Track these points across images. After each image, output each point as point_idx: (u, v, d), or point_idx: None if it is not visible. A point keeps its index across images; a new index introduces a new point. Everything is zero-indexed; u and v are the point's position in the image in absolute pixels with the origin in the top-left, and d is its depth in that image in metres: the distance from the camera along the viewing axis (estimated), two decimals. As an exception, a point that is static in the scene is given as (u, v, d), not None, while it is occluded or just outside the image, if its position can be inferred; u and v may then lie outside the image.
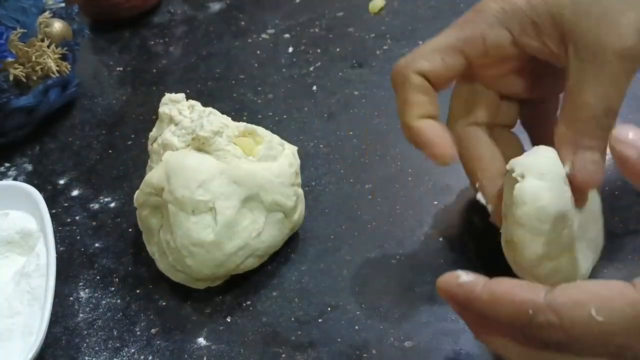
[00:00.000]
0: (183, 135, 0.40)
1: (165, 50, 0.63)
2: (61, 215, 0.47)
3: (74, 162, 0.52)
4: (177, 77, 0.59)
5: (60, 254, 0.43)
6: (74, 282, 0.42)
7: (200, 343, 0.38)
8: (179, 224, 0.37)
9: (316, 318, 0.38)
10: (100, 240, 0.45)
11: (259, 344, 0.37)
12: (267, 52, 0.60)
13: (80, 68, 0.59)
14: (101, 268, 0.43)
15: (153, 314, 0.40)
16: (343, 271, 0.40)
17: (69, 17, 0.57)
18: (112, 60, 0.63)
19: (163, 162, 0.39)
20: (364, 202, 0.44)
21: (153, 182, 0.39)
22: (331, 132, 0.50)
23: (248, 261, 0.39)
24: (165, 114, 0.42)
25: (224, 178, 0.38)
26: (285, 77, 0.57)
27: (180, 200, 0.37)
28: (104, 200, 0.48)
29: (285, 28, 0.62)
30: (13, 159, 0.53)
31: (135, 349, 0.38)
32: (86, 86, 0.59)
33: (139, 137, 0.53)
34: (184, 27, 0.65)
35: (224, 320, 0.39)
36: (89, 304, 0.41)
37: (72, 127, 0.55)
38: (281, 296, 0.40)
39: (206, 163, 0.38)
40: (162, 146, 0.41)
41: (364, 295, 0.39)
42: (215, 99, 0.55)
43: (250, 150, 0.40)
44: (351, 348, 0.36)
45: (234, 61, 0.60)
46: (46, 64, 0.52)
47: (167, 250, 0.39)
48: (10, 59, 0.51)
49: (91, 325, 0.40)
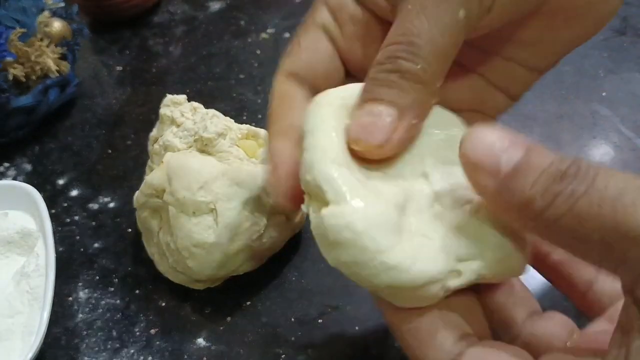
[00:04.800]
0: (185, 136, 0.40)
1: (165, 50, 0.63)
2: (61, 216, 0.47)
3: (73, 162, 0.52)
4: (177, 77, 0.59)
5: (60, 254, 0.43)
6: (73, 283, 0.42)
7: (200, 343, 0.38)
8: (179, 226, 0.37)
9: (316, 318, 0.38)
10: (100, 241, 0.45)
11: (259, 344, 0.37)
12: (267, 52, 0.60)
13: (80, 68, 0.59)
14: (101, 268, 0.43)
15: (152, 315, 0.40)
16: (343, 271, 0.40)
17: (68, 16, 0.57)
18: (111, 60, 0.63)
19: (164, 163, 0.39)
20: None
21: (154, 183, 0.39)
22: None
23: (248, 263, 0.39)
24: (166, 115, 0.42)
25: (225, 180, 0.38)
26: (285, 77, 0.57)
27: (181, 201, 0.37)
28: (103, 200, 0.48)
29: (285, 27, 0.62)
30: (12, 159, 0.53)
31: (134, 350, 0.38)
32: (86, 86, 0.59)
33: (138, 137, 0.53)
34: (184, 26, 0.65)
35: (224, 320, 0.39)
36: (88, 304, 0.41)
37: (72, 127, 0.55)
38: (281, 296, 0.40)
39: (208, 164, 0.38)
40: (163, 147, 0.41)
41: (364, 295, 0.39)
42: (215, 99, 0.55)
43: (252, 152, 0.40)
44: (351, 349, 0.36)
45: (234, 61, 0.60)
46: (46, 63, 0.52)
47: (167, 251, 0.38)
48: (10, 59, 0.51)
49: (91, 325, 0.40)
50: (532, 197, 0.19)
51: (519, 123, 0.48)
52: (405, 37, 0.23)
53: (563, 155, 0.20)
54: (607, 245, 0.18)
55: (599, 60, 0.53)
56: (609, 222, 0.18)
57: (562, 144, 0.47)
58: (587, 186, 0.18)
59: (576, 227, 0.18)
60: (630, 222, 0.17)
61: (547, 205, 0.19)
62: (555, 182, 0.19)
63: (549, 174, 0.19)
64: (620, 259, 0.18)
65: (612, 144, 0.47)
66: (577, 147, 0.47)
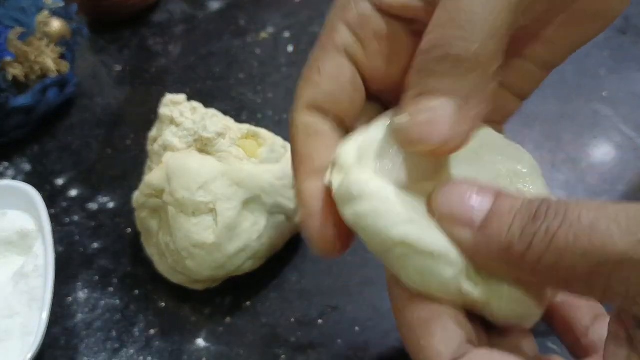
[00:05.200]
0: (184, 136, 0.40)
1: (164, 49, 0.63)
2: (60, 216, 0.47)
3: (72, 162, 0.52)
4: (176, 76, 0.59)
5: (59, 254, 0.43)
6: (72, 283, 0.42)
7: (200, 344, 0.38)
8: (179, 226, 0.37)
9: (316, 319, 0.38)
10: (99, 241, 0.45)
11: (258, 345, 0.37)
12: (267, 52, 0.60)
13: (79, 67, 0.59)
14: (100, 268, 0.43)
15: (152, 315, 0.40)
16: (343, 272, 0.40)
17: (67, 16, 0.57)
18: (111, 60, 0.62)
19: (164, 163, 0.39)
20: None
21: (153, 183, 0.39)
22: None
23: (248, 263, 0.39)
24: (166, 115, 0.42)
25: (225, 180, 0.38)
26: (285, 76, 0.56)
27: (180, 201, 0.37)
28: (102, 200, 0.48)
29: (285, 27, 0.62)
30: (12, 159, 0.53)
31: (134, 350, 0.38)
32: (85, 85, 0.59)
33: (138, 136, 0.52)
34: (184, 26, 0.65)
35: (224, 321, 0.39)
36: (87, 304, 0.41)
37: (71, 127, 0.55)
38: (281, 297, 0.39)
39: (207, 164, 0.38)
40: (162, 147, 0.41)
41: (364, 296, 0.39)
42: (215, 99, 0.55)
43: (252, 152, 0.40)
44: (351, 349, 0.36)
45: (234, 60, 0.59)
46: (45, 63, 0.52)
47: (167, 252, 0.38)
48: (9, 59, 0.50)
49: (90, 325, 0.40)
50: (511, 242, 0.19)
51: (520, 123, 0.48)
52: (453, 21, 0.21)
53: (530, 197, 0.20)
54: (590, 274, 0.18)
55: (601, 60, 0.53)
56: (588, 251, 0.18)
57: (563, 144, 0.47)
58: (561, 221, 0.18)
59: (558, 262, 0.18)
60: (607, 247, 0.18)
61: (526, 248, 0.19)
62: (529, 223, 0.19)
63: (522, 215, 0.19)
64: (606, 285, 0.18)
65: (613, 144, 0.47)
66: (578, 147, 0.47)
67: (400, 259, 0.22)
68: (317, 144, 0.25)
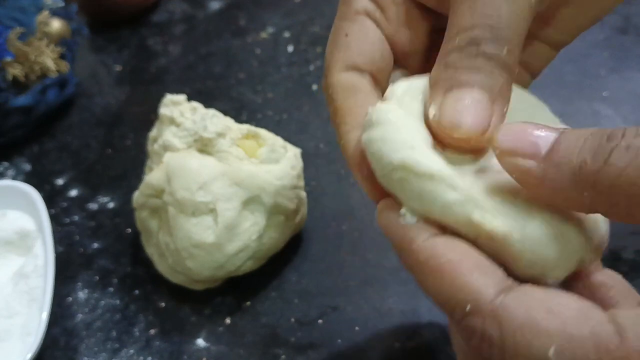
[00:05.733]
0: (185, 136, 0.40)
1: (164, 49, 0.62)
2: (60, 216, 0.47)
3: (72, 162, 0.52)
4: (176, 76, 0.59)
5: (59, 254, 0.43)
6: (72, 283, 0.42)
7: (200, 344, 0.38)
8: (179, 226, 0.37)
9: (316, 319, 0.38)
10: (99, 241, 0.45)
11: (258, 345, 0.37)
12: (267, 51, 0.60)
13: (79, 67, 0.59)
14: (100, 269, 0.43)
15: (152, 315, 0.39)
16: (343, 272, 0.40)
17: (67, 16, 0.57)
18: (110, 59, 0.62)
19: (164, 163, 0.39)
20: (365, 202, 0.44)
21: (153, 183, 0.39)
22: (331, 132, 0.50)
23: (248, 263, 0.39)
24: (165, 115, 0.42)
25: (225, 180, 0.38)
26: (285, 76, 0.56)
27: (180, 201, 0.37)
28: (102, 200, 0.48)
29: (285, 27, 0.62)
30: (11, 159, 0.52)
31: (134, 350, 0.38)
32: (85, 85, 0.59)
33: (137, 136, 0.52)
34: (183, 26, 0.65)
35: (223, 321, 0.39)
36: (87, 304, 0.41)
37: (71, 127, 0.55)
38: (281, 297, 0.39)
39: (207, 165, 0.38)
40: (162, 147, 0.41)
41: (364, 296, 0.39)
42: (215, 99, 0.55)
43: (252, 152, 0.40)
44: (351, 349, 0.36)
45: (234, 60, 0.59)
46: (44, 63, 0.52)
47: (167, 252, 0.38)
48: (9, 58, 0.50)
49: (90, 326, 0.40)
50: (583, 161, 0.18)
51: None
52: (483, 21, 0.22)
53: None
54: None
55: (601, 60, 0.53)
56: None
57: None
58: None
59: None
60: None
61: (602, 164, 0.18)
62: (602, 143, 0.18)
63: (594, 138, 0.18)
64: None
65: (613, 144, 0.47)
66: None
67: (400, 182, 0.22)
68: (359, 99, 0.25)
